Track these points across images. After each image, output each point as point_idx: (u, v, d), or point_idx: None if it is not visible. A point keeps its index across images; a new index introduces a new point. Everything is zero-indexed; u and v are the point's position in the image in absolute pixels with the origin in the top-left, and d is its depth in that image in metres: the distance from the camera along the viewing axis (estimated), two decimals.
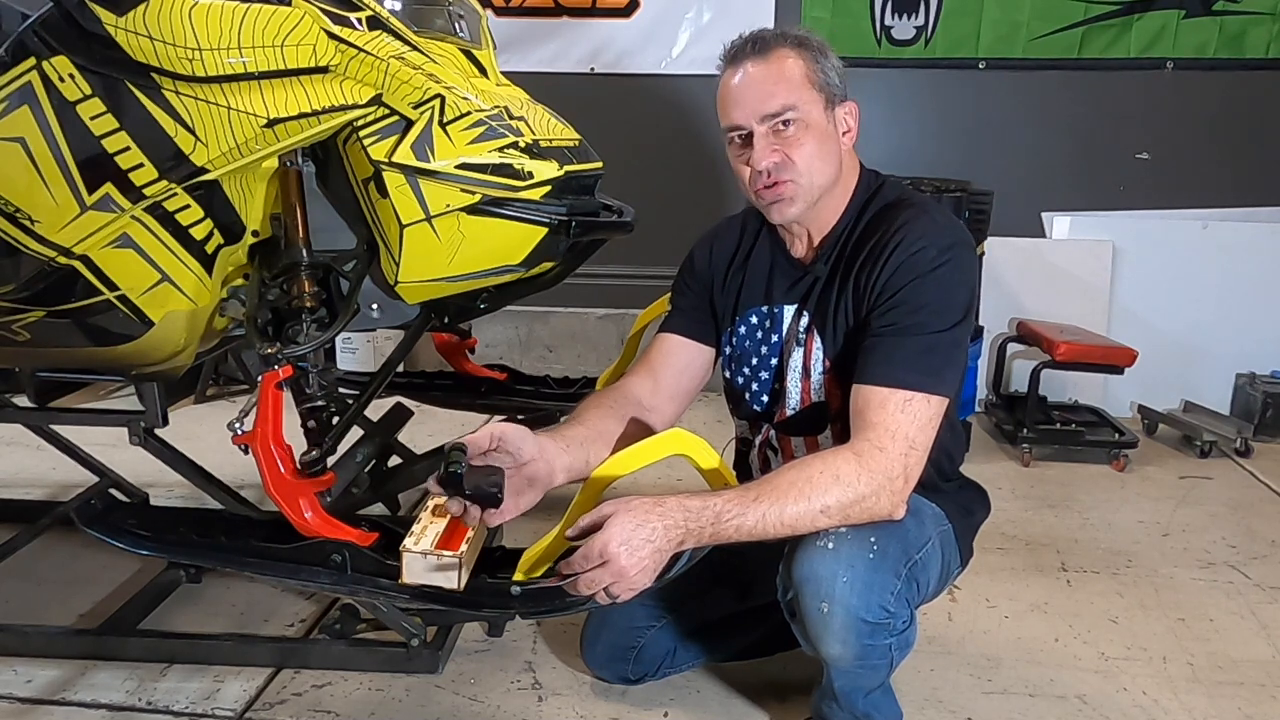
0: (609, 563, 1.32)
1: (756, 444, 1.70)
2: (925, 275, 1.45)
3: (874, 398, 1.43)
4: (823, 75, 1.51)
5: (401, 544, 1.43)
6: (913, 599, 1.49)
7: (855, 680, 1.51)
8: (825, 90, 1.51)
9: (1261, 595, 2.25)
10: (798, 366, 1.59)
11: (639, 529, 1.33)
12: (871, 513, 1.40)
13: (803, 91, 1.49)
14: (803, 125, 1.50)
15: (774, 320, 1.63)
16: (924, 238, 1.47)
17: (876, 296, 1.48)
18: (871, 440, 1.40)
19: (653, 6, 3.76)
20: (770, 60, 1.50)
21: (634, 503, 1.36)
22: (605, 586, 1.34)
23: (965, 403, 3.21)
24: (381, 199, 1.54)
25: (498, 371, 2.59)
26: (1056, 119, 3.74)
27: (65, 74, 1.47)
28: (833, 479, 1.38)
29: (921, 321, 1.44)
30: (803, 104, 1.49)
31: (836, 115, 1.54)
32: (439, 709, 1.77)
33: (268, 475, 1.61)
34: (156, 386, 1.88)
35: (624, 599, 1.37)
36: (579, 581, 1.35)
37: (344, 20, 1.52)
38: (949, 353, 1.47)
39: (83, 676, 1.86)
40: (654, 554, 1.34)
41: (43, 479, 2.87)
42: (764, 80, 1.50)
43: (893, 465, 1.40)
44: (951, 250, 1.47)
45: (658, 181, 3.57)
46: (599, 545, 1.33)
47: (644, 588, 1.36)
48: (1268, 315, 3.59)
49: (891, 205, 1.56)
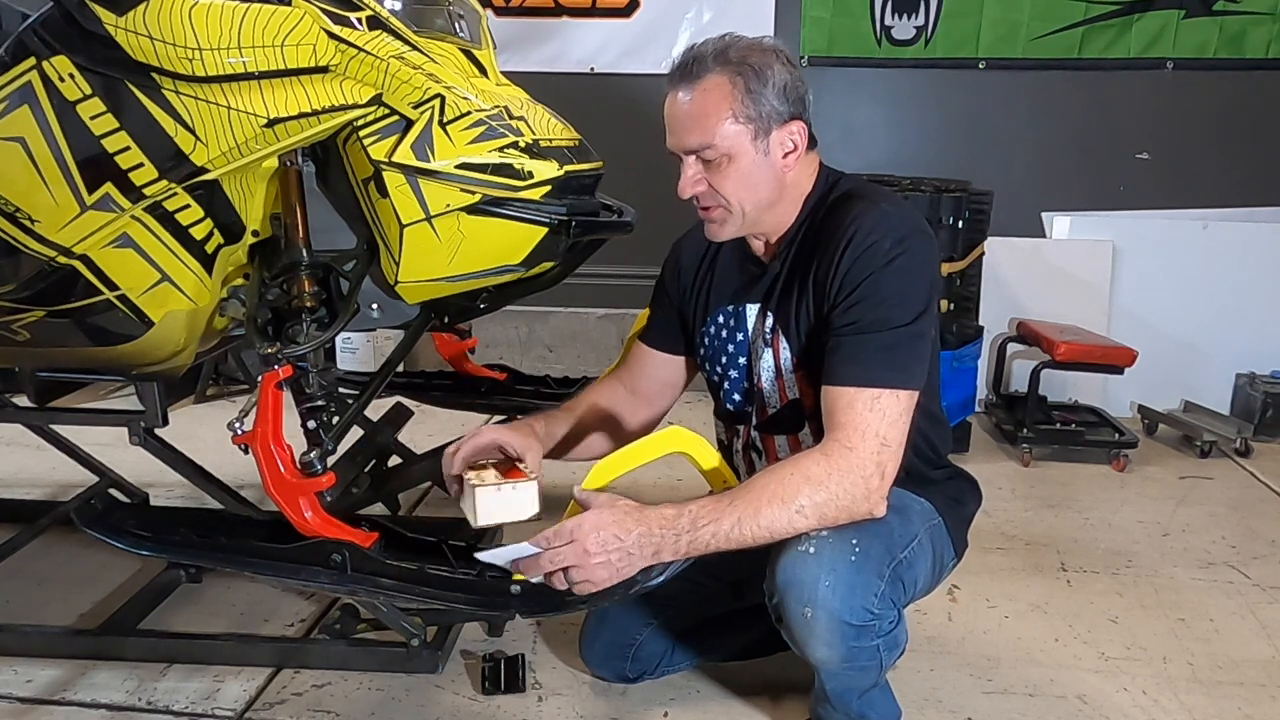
0: (574, 543, 1.34)
1: (738, 446, 1.70)
2: (881, 269, 1.44)
3: (842, 398, 1.42)
4: (753, 105, 1.45)
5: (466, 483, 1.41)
6: (899, 599, 1.48)
7: (846, 682, 1.51)
8: (755, 121, 1.46)
9: (1261, 595, 2.25)
10: (770, 366, 1.59)
11: (614, 524, 1.35)
12: (849, 512, 1.40)
13: (725, 126, 1.45)
14: (726, 159, 1.47)
15: (738, 319, 1.63)
16: (876, 230, 1.46)
17: (835, 293, 1.47)
18: (840, 440, 1.40)
19: (653, 6, 3.77)
20: (695, 90, 1.46)
21: (620, 503, 1.38)
22: (564, 568, 1.35)
23: (965, 403, 3.22)
24: (381, 199, 1.54)
25: (498, 371, 2.59)
26: (1056, 119, 3.74)
27: (65, 74, 1.47)
28: (803, 480, 1.38)
29: (883, 317, 1.44)
30: (724, 140, 1.46)
31: (773, 140, 1.49)
32: (439, 709, 1.77)
33: (268, 475, 1.61)
34: (156, 386, 1.88)
35: (580, 591, 1.38)
36: (541, 556, 1.37)
37: (344, 20, 1.51)
38: (913, 345, 1.46)
39: (83, 676, 1.86)
40: (620, 553, 1.35)
41: (43, 479, 2.87)
42: (688, 115, 1.47)
43: (864, 463, 1.39)
44: (905, 241, 1.45)
45: (658, 181, 3.54)
46: (570, 525, 1.36)
47: (603, 585, 1.37)
48: (1268, 315, 3.59)
49: (843, 199, 1.54)
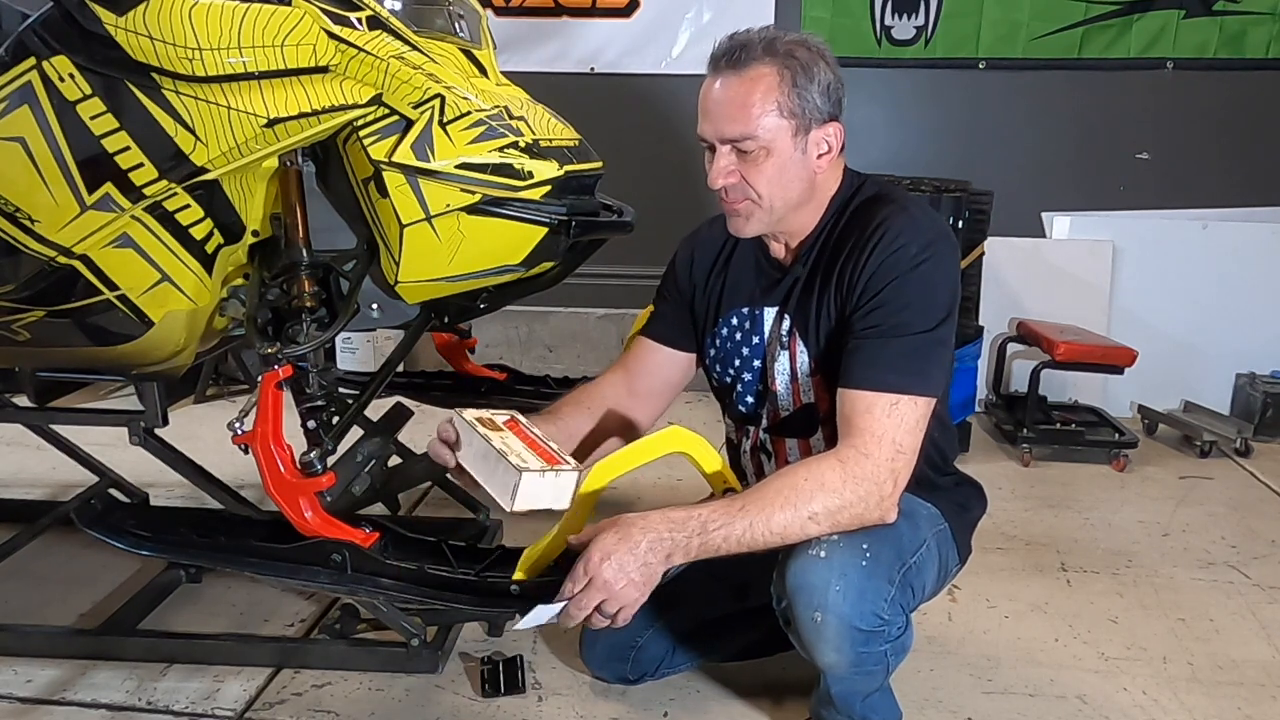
0: (593, 580, 1.32)
1: (746, 448, 1.69)
2: (906, 274, 1.43)
3: (860, 402, 1.41)
4: (798, 100, 1.43)
5: (506, 460, 1.34)
6: (907, 604, 1.47)
7: (852, 686, 1.51)
8: (798, 116, 1.43)
9: (1261, 595, 2.25)
10: (785, 370, 1.58)
11: (620, 542, 1.33)
12: (861, 519, 1.39)
13: (769, 119, 1.42)
14: (764, 152, 1.44)
15: (755, 322, 1.62)
16: (903, 235, 1.44)
17: (859, 296, 1.46)
18: (857, 446, 1.39)
19: (653, 6, 3.76)
20: (743, 78, 1.42)
21: (619, 520, 1.36)
22: (598, 606, 1.33)
23: (965, 403, 3.21)
24: (381, 199, 1.54)
25: (498, 371, 2.59)
26: (1056, 119, 3.74)
27: (65, 74, 1.47)
28: (818, 486, 1.37)
29: (905, 321, 1.42)
30: (766, 133, 1.42)
31: (811, 139, 1.46)
32: (439, 709, 1.77)
33: (268, 475, 1.61)
34: (156, 386, 1.88)
35: (623, 618, 1.35)
36: (570, 608, 1.34)
37: (344, 20, 1.51)
38: (934, 352, 1.45)
39: (83, 676, 1.86)
40: (640, 568, 1.33)
41: (43, 479, 2.87)
42: (730, 102, 1.43)
43: (879, 470, 1.38)
44: (932, 247, 1.44)
45: (658, 181, 3.57)
46: (582, 566, 1.33)
47: (638, 603, 1.34)
48: (1268, 315, 3.59)
49: (869, 202, 1.52)
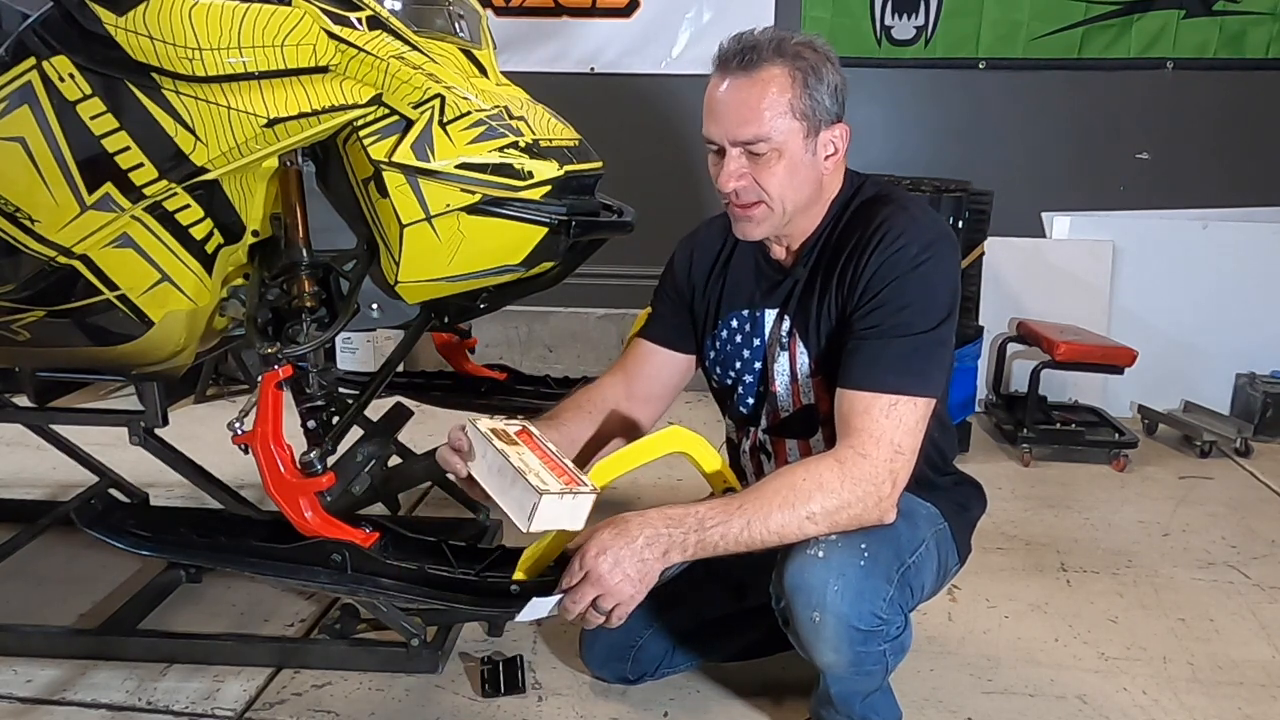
0: (589, 574, 1.32)
1: (746, 448, 1.69)
2: (907, 274, 1.42)
3: (859, 402, 1.41)
4: (808, 101, 1.42)
5: (524, 480, 1.29)
6: (906, 604, 1.47)
7: (851, 686, 1.51)
8: (809, 118, 1.43)
9: (1261, 595, 2.25)
10: (785, 371, 1.58)
11: (616, 537, 1.33)
12: (859, 519, 1.39)
13: (781, 121, 1.41)
14: (776, 155, 1.43)
15: (755, 324, 1.61)
16: (904, 235, 1.44)
17: (859, 296, 1.46)
18: (855, 447, 1.39)
19: (653, 6, 3.76)
20: (754, 80, 1.41)
21: (616, 518, 1.36)
22: (593, 602, 1.33)
23: (965, 403, 3.21)
24: (381, 199, 1.54)
25: (498, 371, 2.59)
26: (1056, 119, 3.74)
27: (65, 74, 1.47)
28: (816, 486, 1.37)
29: (905, 322, 1.42)
30: (778, 134, 1.42)
31: (820, 140, 1.46)
32: (439, 709, 1.77)
33: (268, 475, 1.61)
34: (156, 386, 1.88)
35: (619, 615, 1.35)
36: (565, 602, 1.35)
37: (344, 20, 1.52)
38: (934, 352, 1.44)
39: (83, 676, 1.86)
40: (637, 564, 1.33)
41: (43, 479, 2.87)
42: (742, 104, 1.42)
43: (878, 471, 1.38)
44: (933, 247, 1.44)
45: (658, 181, 3.57)
46: (578, 561, 1.33)
47: (634, 600, 1.34)
48: (1268, 315, 3.59)
49: (870, 202, 1.52)
